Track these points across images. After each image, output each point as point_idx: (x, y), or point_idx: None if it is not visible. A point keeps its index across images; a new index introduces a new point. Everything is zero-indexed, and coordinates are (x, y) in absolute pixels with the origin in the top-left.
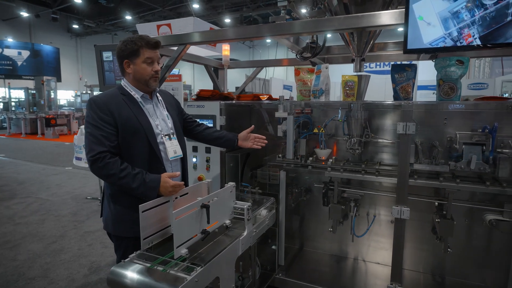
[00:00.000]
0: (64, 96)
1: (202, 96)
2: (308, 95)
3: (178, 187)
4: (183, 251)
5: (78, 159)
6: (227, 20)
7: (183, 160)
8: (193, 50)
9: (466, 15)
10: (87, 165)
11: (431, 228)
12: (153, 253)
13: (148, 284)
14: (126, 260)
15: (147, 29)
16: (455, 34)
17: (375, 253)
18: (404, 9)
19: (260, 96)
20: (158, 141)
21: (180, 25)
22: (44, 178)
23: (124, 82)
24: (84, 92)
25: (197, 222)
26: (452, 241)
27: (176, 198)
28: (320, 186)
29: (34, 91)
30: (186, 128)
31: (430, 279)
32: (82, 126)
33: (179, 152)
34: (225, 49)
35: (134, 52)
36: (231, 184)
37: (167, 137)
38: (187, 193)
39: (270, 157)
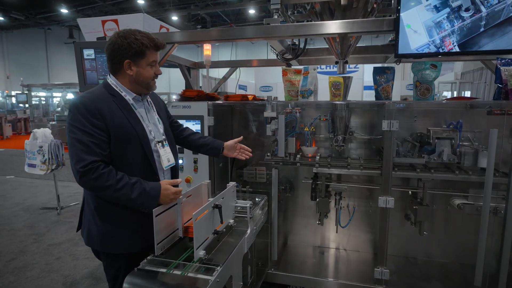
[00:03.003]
0: None
1: (187, 96)
2: (295, 95)
3: (179, 194)
4: (201, 252)
5: (32, 166)
6: (174, 18)
7: (174, 168)
8: None
9: (447, 25)
10: (42, 173)
11: (404, 215)
12: (162, 258)
13: None
14: (138, 267)
15: (91, 25)
16: (438, 41)
17: (355, 242)
18: (394, 18)
19: (249, 97)
20: (152, 148)
21: (129, 22)
22: None
23: (112, 81)
24: (20, 92)
25: (210, 223)
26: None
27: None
28: (306, 182)
29: None
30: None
31: (405, 261)
32: (35, 130)
33: (172, 160)
34: (207, 49)
35: (140, 53)
36: (233, 183)
37: (160, 144)
38: (189, 195)
39: (252, 156)
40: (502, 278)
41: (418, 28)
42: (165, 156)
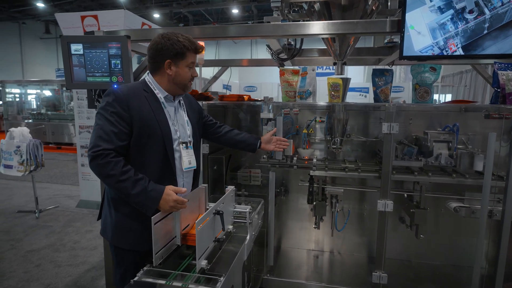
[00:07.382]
0: None
1: None
2: (293, 96)
3: (181, 204)
4: (203, 262)
5: (8, 167)
6: (156, 15)
7: (196, 173)
8: None
9: (451, 27)
10: (19, 174)
11: (398, 218)
12: (159, 269)
13: None
14: (135, 279)
15: (70, 20)
16: (441, 43)
17: (349, 245)
18: (398, 19)
19: (244, 97)
20: (174, 147)
21: (109, 18)
22: None
23: (149, 79)
24: None
25: (211, 230)
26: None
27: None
28: (300, 185)
29: None
30: (206, 131)
31: (399, 263)
32: (12, 129)
33: (194, 164)
34: None
35: (181, 54)
36: (231, 188)
37: (184, 145)
38: (187, 200)
39: (245, 158)
40: (498, 280)
41: (421, 30)
42: (187, 157)
